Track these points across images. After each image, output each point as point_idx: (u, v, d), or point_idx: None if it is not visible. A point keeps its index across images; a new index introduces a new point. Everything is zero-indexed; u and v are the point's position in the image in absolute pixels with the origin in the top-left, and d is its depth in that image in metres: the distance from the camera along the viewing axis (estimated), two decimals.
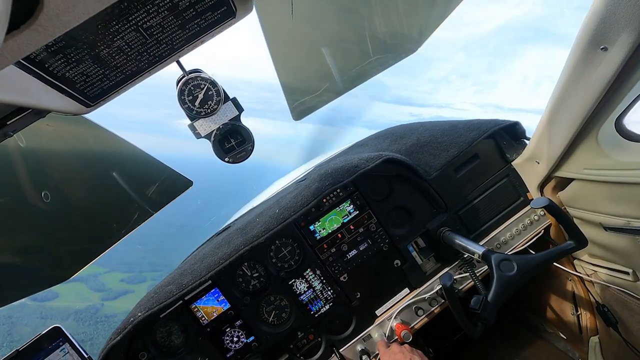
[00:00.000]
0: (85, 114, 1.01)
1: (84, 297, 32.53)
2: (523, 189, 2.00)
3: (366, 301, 1.89)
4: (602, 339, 2.07)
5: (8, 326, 26.01)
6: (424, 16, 2.56)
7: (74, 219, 2.32)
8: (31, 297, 22.95)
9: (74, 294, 32.62)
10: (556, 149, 1.63)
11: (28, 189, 2.00)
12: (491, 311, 1.41)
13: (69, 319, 28.75)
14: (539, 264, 1.46)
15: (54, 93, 0.85)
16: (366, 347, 1.85)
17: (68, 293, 31.82)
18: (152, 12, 0.81)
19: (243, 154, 1.27)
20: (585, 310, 2.09)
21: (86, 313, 29.08)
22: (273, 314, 1.83)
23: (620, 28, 1.07)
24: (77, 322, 27.85)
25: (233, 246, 1.72)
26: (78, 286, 33.71)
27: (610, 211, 1.56)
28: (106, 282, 34.67)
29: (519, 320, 2.72)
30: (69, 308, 30.20)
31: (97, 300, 31.44)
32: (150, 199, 2.60)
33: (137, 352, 1.69)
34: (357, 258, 1.88)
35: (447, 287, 1.44)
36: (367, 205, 1.89)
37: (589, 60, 1.23)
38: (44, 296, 30.11)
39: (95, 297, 32.50)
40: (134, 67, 0.92)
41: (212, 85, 1.14)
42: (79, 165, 2.29)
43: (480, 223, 1.97)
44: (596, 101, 1.32)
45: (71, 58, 0.81)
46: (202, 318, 1.74)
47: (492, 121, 2.03)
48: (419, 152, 1.99)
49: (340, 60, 2.69)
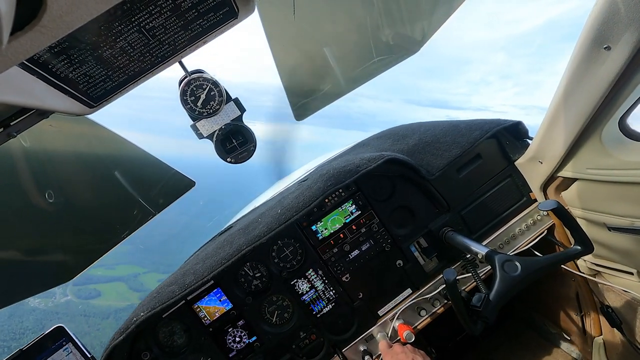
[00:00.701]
0: (88, 115, 1.01)
1: (124, 296, 33.81)
2: (526, 189, 2.00)
3: (368, 301, 1.89)
4: (606, 339, 2.06)
5: (55, 322, 27.09)
6: (426, 17, 2.56)
7: (77, 218, 2.34)
8: (77, 295, 23.41)
9: (115, 293, 33.98)
10: (559, 149, 1.62)
11: (32, 189, 2.01)
12: (492, 310, 1.40)
13: (109, 318, 29.91)
14: (543, 267, 1.45)
15: (57, 94, 0.86)
16: (368, 347, 1.85)
17: (110, 292, 33.49)
18: (154, 13, 0.81)
19: (245, 154, 1.28)
20: (589, 310, 2.08)
21: (125, 312, 30.47)
22: (275, 314, 1.83)
23: (624, 27, 1.07)
24: (117, 321, 28.71)
25: (235, 246, 1.72)
26: (119, 286, 35.25)
27: (614, 211, 1.55)
28: (145, 282, 36.13)
29: (522, 320, 2.71)
30: (110, 307, 31.49)
31: (136, 300, 32.62)
32: (153, 199, 2.61)
33: (140, 352, 1.69)
34: (360, 258, 1.88)
35: (450, 282, 1.43)
36: (369, 206, 1.89)
37: (592, 59, 1.22)
38: (87, 294, 31.88)
39: (134, 296, 33.71)
40: (137, 68, 0.93)
41: (215, 85, 1.15)
42: (82, 166, 2.30)
43: (483, 223, 1.96)
44: (599, 100, 1.32)
45: (74, 59, 0.82)
46: (204, 318, 1.74)
47: (494, 121, 2.02)
48: (421, 152, 1.98)
49: (343, 60, 2.69)
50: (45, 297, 30.05)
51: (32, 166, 1.99)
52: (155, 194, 2.62)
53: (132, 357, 1.69)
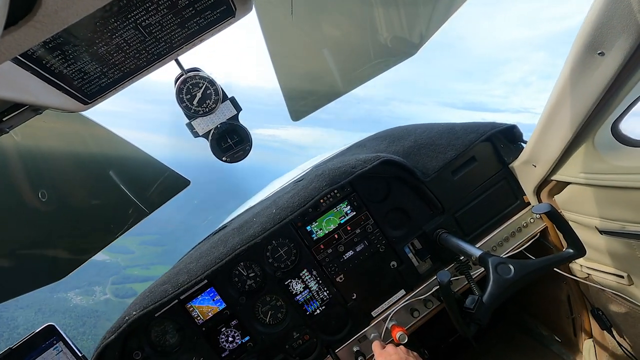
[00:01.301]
0: (82, 111, 1.00)
1: None
2: (519, 192, 2.01)
3: (362, 302, 1.89)
4: (597, 342, 2.08)
5: (94, 319, 28.31)
6: (424, 20, 2.57)
7: (70, 217, 2.31)
8: (114, 293, 23.69)
9: None
10: (553, 153, 1.64)
11: (25, 187, 1.98)
12: (485, 312, 1.41)
13: None
14: (536, 269, 1.46)
15: (51, 90, 0.85)
16: (362, 348, 1.85)
17: None
18: (151, 10, 0.81)
19: (240, 154, 1.27)
20: (580, 313, 2.10)
21: None
22: (269, 314, 1.83)
23: (617, 33, 1.08)
24: None
25: (229, 246, 1.72)
26: None
27: (605, 215, 1.57)
28: None
29: (514, 323, 2.73)
30: None
31: None
32: (147, 198, 2.59)
33: (132, 351, 1.68)
34: (354, 259, 1.88)
35: (444, 284, 1.44)
36: (364, 207, 1.90)
37: (586, 64, 1.24)
38: (124, 293, 33.08)
39: None
40: (133, 65, 0.92)
41: (211, 84, 1.14)
42: (76, 163, 2.28)
43: (477, 225, 1.98)
44: (593, 105, 1.33)
45: (69, 55, 0.81)
46: (197, 317, 1.74)
47: (489, 124, 2.04)
48: (416, 154, 1.99)
49: (340, 61, 2.69)
50: (86, 294, 30.90)
51: (26, 164, 1.97)
52: (150, 192, 2.61)
53: (124, 356, 1.67)
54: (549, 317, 2.37)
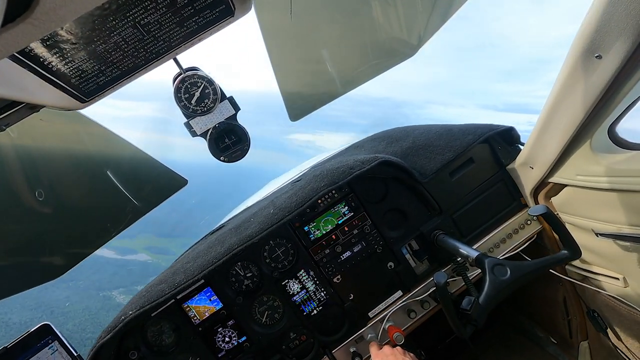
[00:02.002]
0: (79, 110, 1.00)
1: None
2: (517, 194, 2.02)
3: (359, 303, 1.89)
4: (592, 344, 2.09)
5: None
6: (423, 21, 2.58)
7: (67, 215, 2.30)
8: None
9: None
10: (550, 155, 1.65)
11: (22, 187, 1.97)
12: (482, 313, 1.41)
13: None
14: (532, 270, 1.47)
15: (49, 87, 0.84)
16: (358, 348, 1.85)
17: None
18: (150, 9, 0.80)
19: (238, 153, 1.27)
20: (575, 314, 2.11)
21: None
22: (266, 315, 1.83)
23: (615, 36, 1.09)
24: None
25: (227, 245, 1.71)
26: None
27: (601, 217, 1.58)
28: None
29: (510, 324, 2.74)
30: None
31: None
32: (144, 197, 2.58)
33: (128, 351, 1.67)
34: (351, 260, 1.88)
35: (441, 285, 1.45)
36: (362, 207, 1.90)
37: (583, 67, 1.24)
38: None
39: None
40: (131, 64, 0.92)
41: (209, 83, 1.14)
42: (73, 162, 2.27)
43: (474, 227, 1.98)
44: (590, 108, 1.34)
45: (67, 53, 0.80)
46: (194, 317, 1.73)
47: (487, 126, 2.05)
48: (414, 155, 1.99)
49: (339, 62, 2.69)
50: (130, 293, 30.62)
51: (23, 163, 1.96)
52: (147, 192, 2.60)
53: (120, 355, 1.67)
54: (545, 318, 2.38)
